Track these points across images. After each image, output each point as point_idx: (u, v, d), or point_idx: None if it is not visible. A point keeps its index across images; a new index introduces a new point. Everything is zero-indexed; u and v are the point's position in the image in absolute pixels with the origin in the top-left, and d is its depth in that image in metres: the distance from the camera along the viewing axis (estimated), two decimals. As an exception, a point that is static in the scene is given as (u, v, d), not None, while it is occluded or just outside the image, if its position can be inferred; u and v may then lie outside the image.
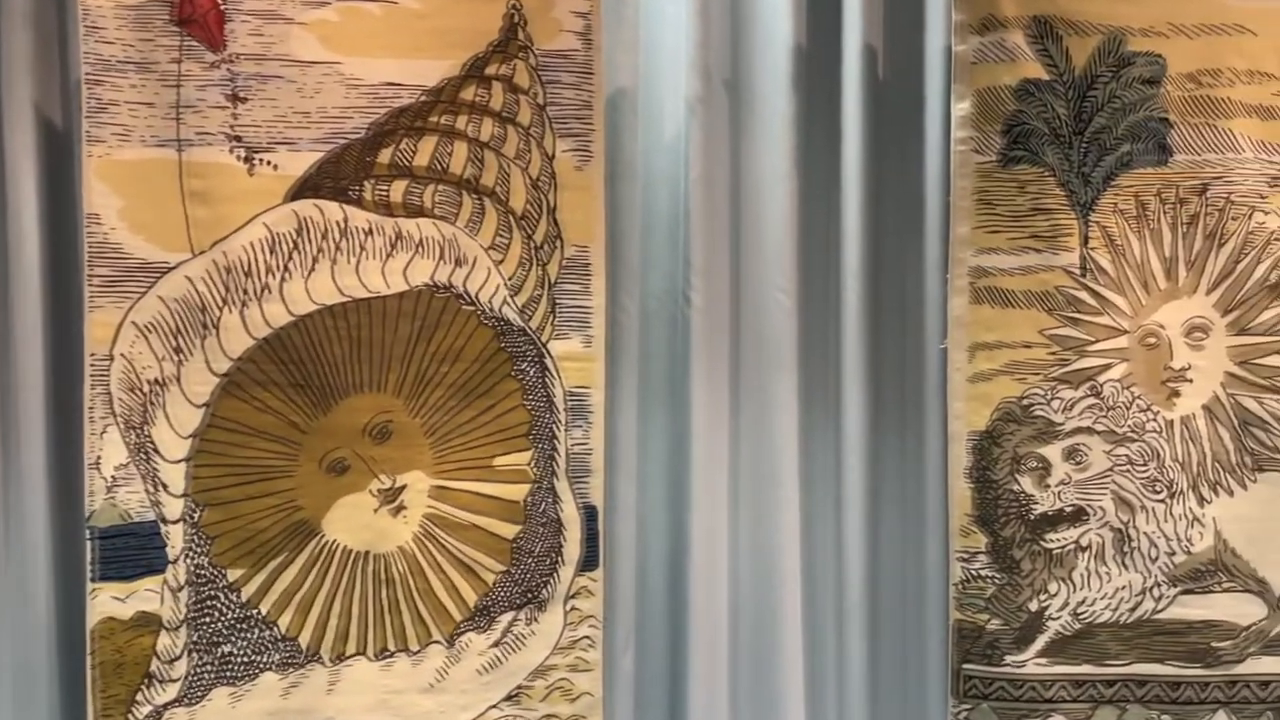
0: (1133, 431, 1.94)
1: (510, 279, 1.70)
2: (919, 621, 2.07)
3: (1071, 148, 1.92)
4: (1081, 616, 1.95)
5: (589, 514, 1.90)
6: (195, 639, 1.78)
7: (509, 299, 1.70)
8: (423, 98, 1.75)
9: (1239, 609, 1.95)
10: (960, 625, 1.96)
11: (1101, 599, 1.95)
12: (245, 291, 1.76)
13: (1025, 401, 1.93)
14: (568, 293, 1.73)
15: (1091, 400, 1.93)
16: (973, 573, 1.96)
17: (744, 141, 2.06)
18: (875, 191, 2.06)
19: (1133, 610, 1.95)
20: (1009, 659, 1.94)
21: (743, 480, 2.10)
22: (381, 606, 1.85)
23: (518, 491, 1.73)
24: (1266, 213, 1.94)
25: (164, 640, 1.76)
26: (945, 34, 1.95)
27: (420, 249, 1.81)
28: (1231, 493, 1.95)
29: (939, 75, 1.96)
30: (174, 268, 1.74)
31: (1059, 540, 1.94)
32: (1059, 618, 1.95)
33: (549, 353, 1.73)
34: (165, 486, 1.75)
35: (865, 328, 2.07)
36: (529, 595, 1.80)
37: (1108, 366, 1.93)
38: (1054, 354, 1.92)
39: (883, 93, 2.06)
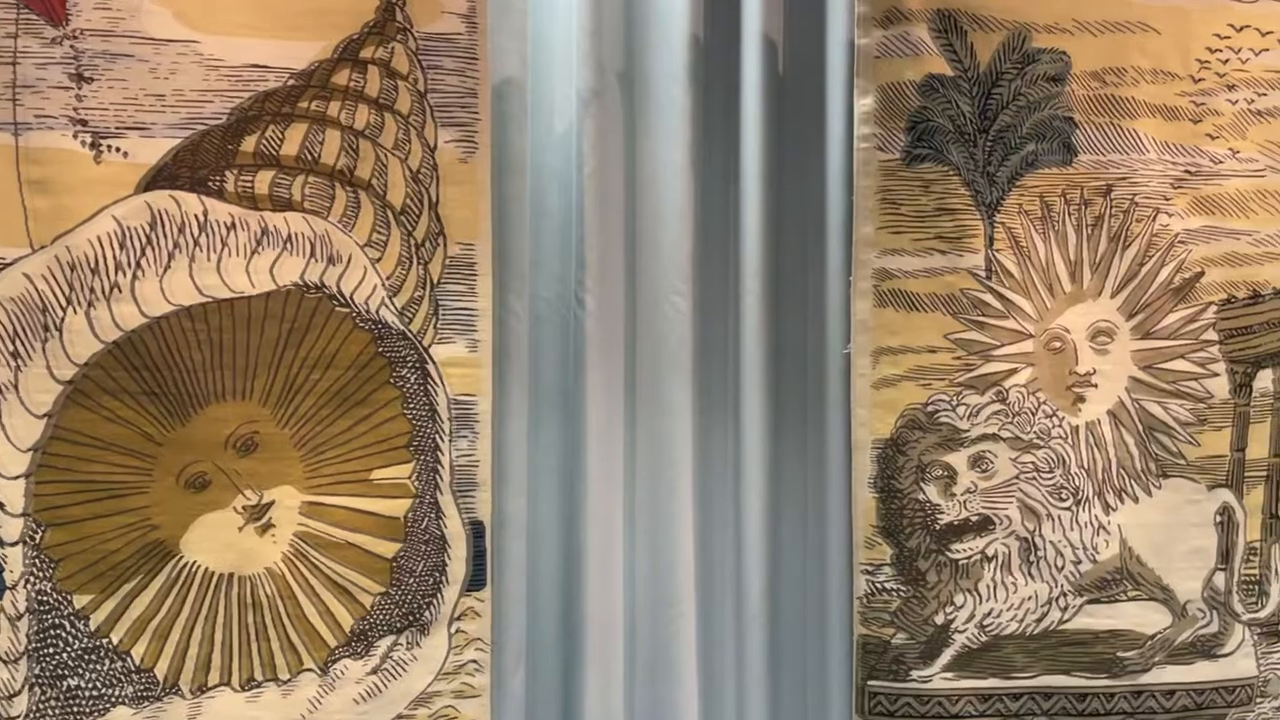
0: (1039, 438, 1.82)
1: (388, 279, 1.50)
2: (821, 637, 1.91)
3: (976, 146, 1.79)
4: (988, 629, 1.82)
5: (475, 530, 1.70)
6: (38, 672, 1.54)
7: (387, 300, 1.50)
8: (291, 81, 1.54)
9: (1144, 618, 1.84)
10: (865, 640, 1.81)
11: (1008, 610, 1.82)
12: (92, 291, 1.52)
13: (930, 408, 1.79)
14: (452, 294, 1.54)
15: (997, 406, 1.80)
16: (877, 585, 1.81)
17: (639, 136, 1.89)
18: (776, 190, 1.89)
19: (1039, 621, 1.83)
20: (915, 674, 1.80)
21: (639, 492, 1.92)
22: (248, 633, 1.63)
23: (398, 507, 1.53)
24: (1170, 215, 1.83)
25: (2, 674, 1.52)
26: (848, 27, 1.80)
27: (289, 245, 1.60)
28: (1137, 500, 1.84)
29: (842, 70, 1.81)
30: (10, 264, 1.50)
31: (965, 550, 1.81)
32: (965, 630, 1.82)
33: (431, 358, 1.54)
34: (2, 505, 1.51)
35: (766, 332, 1.91)
36: (410, 618, 1.60)
37: (1013, 371, 1.81)
38: (959, 359, 1.79)
39: (784, 87, 1.91)
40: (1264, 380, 1.82)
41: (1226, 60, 1.76)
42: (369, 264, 1.64)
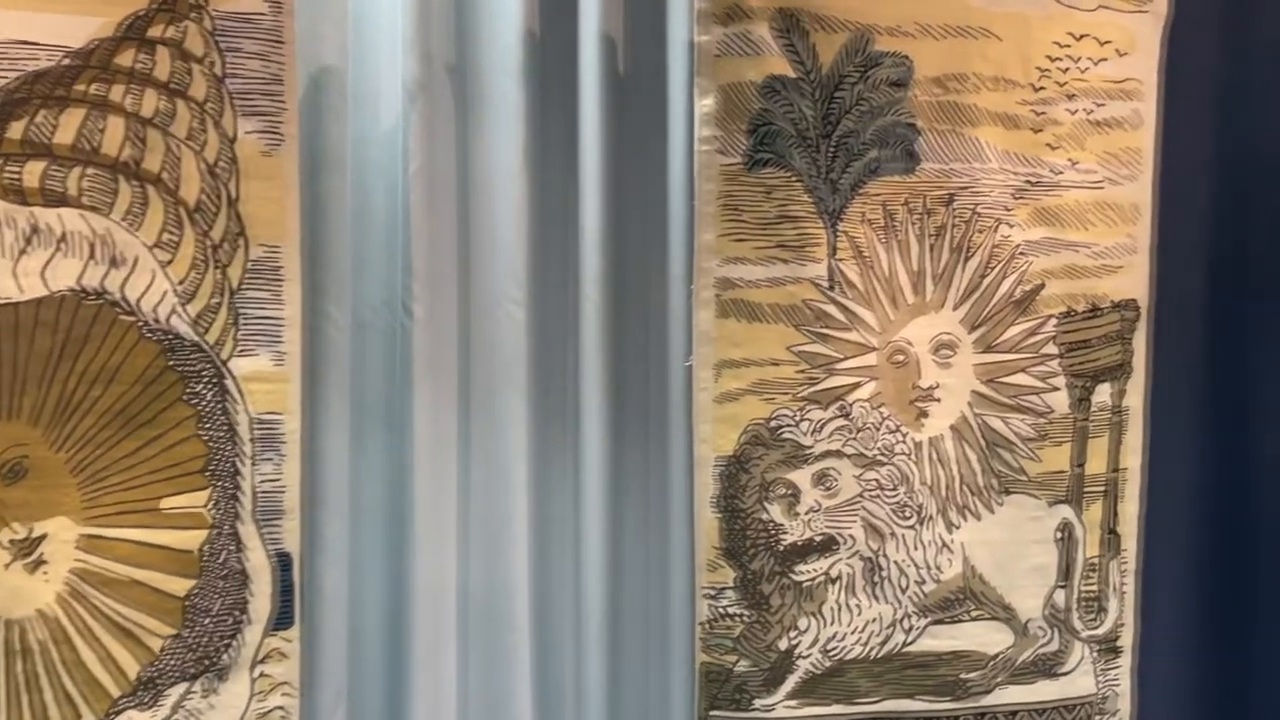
0: (882, 454, 1.68)
1: (181, 284, 1.28)
2: (664, 665, 1.74)
3: (819, 151, 1.64)
4: (832, 653, 1.67)
5: (282, 562, 1.46)
6: None
7: (179, 308, 1.27)
8: (66, 61, 1.29)
9: (987, 637, 1.72)
10: (706, 668, 1.64)
11: (852, 633, 1.68)
12: None
13: (773, 423, 1.64)
14: (254, 301, 1.32)
15: (841, 421, 1.66)
16: (720, 610, 1.64)
17: (471, 134, 1.69)
18: (617, 194, 1.72)
19: (883, 644, 1.69)
20: (758, 702, 1.64)
21: (472, 513, 1.72)
22: (16, 683, 1.36)
23: (191, 539, 1.32)
24: (1011, 226, 1.72)
25: None
26: (690, 25, 1.63)
27: (63, 246, 1.34)
28: (979, 517, 1.72)
29: (684, 69, 1.64)
30: None
31: (809, 572, 1.66)
32: (809, 655, 1.66)
33: (230, 373, 1.31)
34: None
35: (606, 342, 1.73)
36: (206, 662, 1.37)
37: (857, 385, 1.66)
38: (802, 372, 1.64)
39: (624, 86, 1.73)
40: (1102, 394, 1.73)
41: (1066, 69, 1.66)
42: (158, 267, 1.39)
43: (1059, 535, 1.74)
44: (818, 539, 1.65)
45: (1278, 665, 1.93)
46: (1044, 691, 1.73)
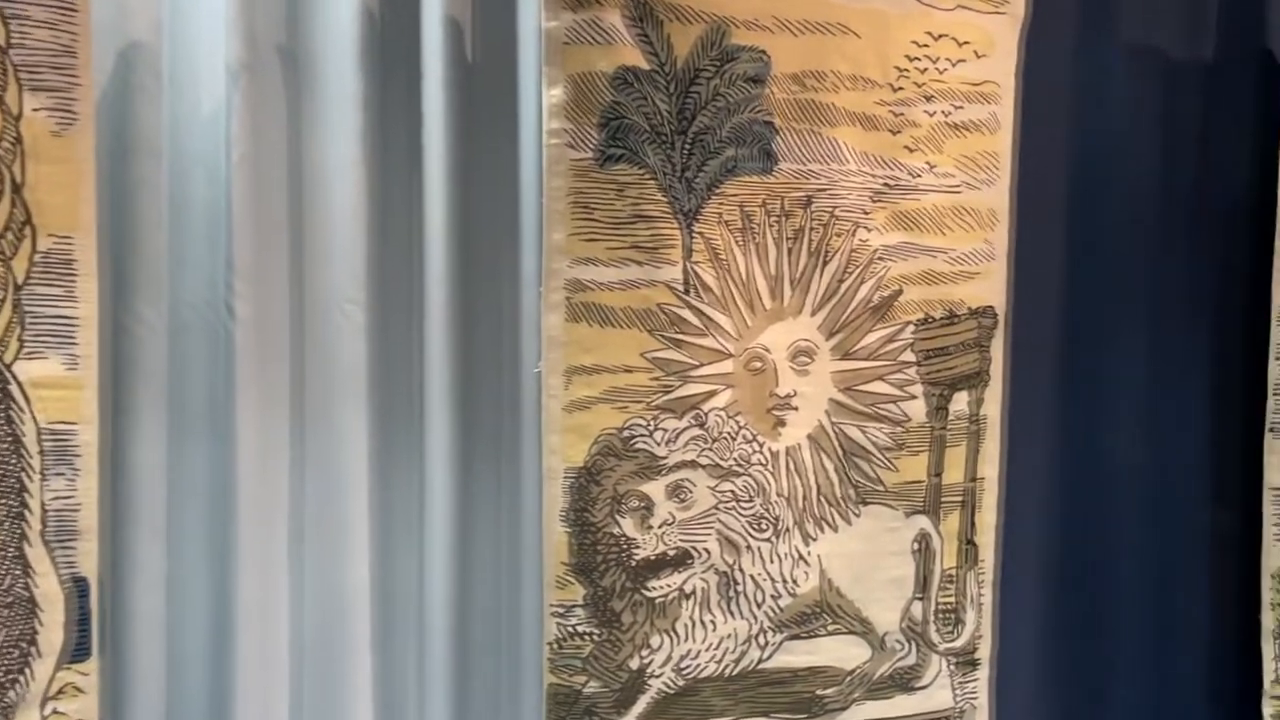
0: (738, 464, 1.56)
1: (-47, 277, 1.05)
2: (515, 688, 1.60)
3: (674, 148, 1.50)
4: (685, 672, 1.54)
5: (79, 588, 1.27)
6: None
7: (-49, 304, 1.05)
8: None
9: (844, 652, 1.62)
10: (554, 690, 1.50)
11: (706, 650, 1.55)
12: None
13: (626, 433, 1.50)
14: (43, 298, 1.16)
15: (696, 431, 1.53)
16: (569, 629, 1.50)
17: (304, 121, 1.52)
18: (464, 187, 1.57)
19: (738, 661, 1.57)
20: (608, 727, 1.49)
21: (306, 532, 1.55)
22: None
23: (-36, 565, 1.08)
24: (870, 229, 1.62)
25: None
26: (539, 8, 1.47)
27: None
28: (836, 528, 1.62)
29: (535, 56, 1.49)
30: None
31: (662, 588, 1.53)
32: (661, 675, 1.53)
33: (14, 377, 1.15)
34: None
35: (454, 347, 1.58)
36: (-16, 704, 1.15)
37: (712, 393, 1.54)
38: (656, 379, 1.51)
39: (471, 73, 1.57)
40: (960, 403, 1.64)
41: (924, 69, 1.56)
42: (-76, 258, 1.18)
43: (916, 546, 1.64)
44: (671, 553, 1.52)
45: (1135, 676, 1.88)
46: (902, 706, 1.63)
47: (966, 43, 1.62)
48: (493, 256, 1.64)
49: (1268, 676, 1.89)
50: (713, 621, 1.57)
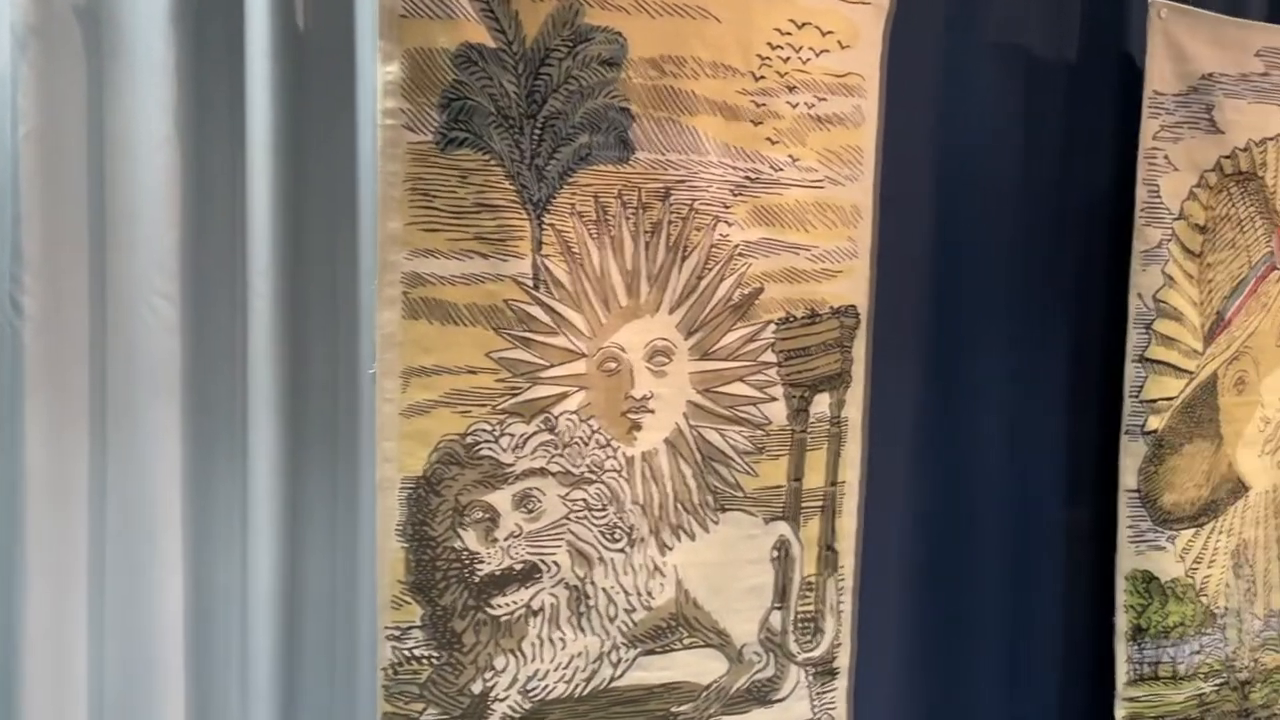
0: (591, 472, 1.45)
1: None
2: (348, 719, 1.44)
3: (522, 133, 1.39)
4: (532, 694, 1.43)
5: None
6: None
7: None
8: None
9: (700, 666, 1.54)
10: (390, 719, 1.36)
11: (555, 670, 1.45)
12: None
13: (469, 439, 1.38)
14: None
15: (546, 436, 1.42)
16: (405, 653, 1.37)
17: (106, 93, 1.35)
18: (293, 169, 1.43)
19: (589, 680, 1.47)
20: (447, 757, 1.37)
21: (109, 555, 1.39)
22: None
23: None
24: (730, 224, 1.54)
25: None
26: None
27: None
28: (694, 537, 1.53)
29: (372, 28, 1.34)
30: None
31: (508, 605, 1.41)
32: (506, 698, 1.42)
33: None
34: None
35: (280, 346, 1.45)
36: None
37: (564, 396, 1.43)
38: (503, 381, 1.39)
39: (303, 42, 1.42)
40: (821, 405, 1.57)
41: (787, 59, 1.49)
42: None
43: (775, 554, 1.57)
44: (518, 567, 1.41)
45: (992, 680, 1.85)
46: (759, 721, 1.55)
47: (830, 32, 1.55)
48: (326, 246, 1.50)
49: (1120, 679, 1.89)
50: (562, 639, 1.46)
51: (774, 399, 1.57)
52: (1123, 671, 1.90)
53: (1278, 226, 2.02)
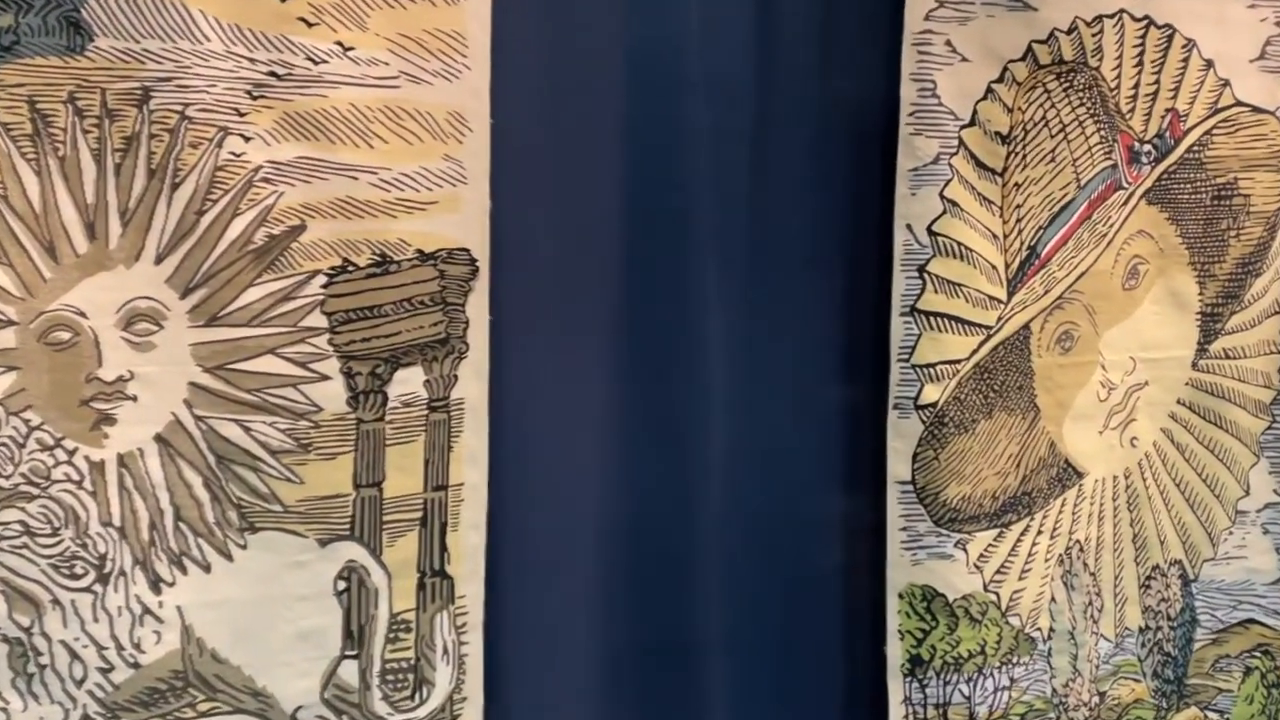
0: (31, 482, 1.02)
1: None
2: None
3: None
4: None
5: None
6: None
7: None
8: None
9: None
10: None
11: (-3, 751, 1.01)
12: None
13: None
14: None
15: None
16: None
17: None
18: None
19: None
20: None
21: None
22: None
23: None
24: (247, 139, 1.08)
25: None
26: None
27: None
28: (208, 568, 1.11)
29: None
30: None
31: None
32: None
33: None
34: None
35: None
36: None
37: (-11, 379, 0.99)
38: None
39: None
40: (409, 384, 1.10)
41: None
42: None
43: (343, 585, 1.11)
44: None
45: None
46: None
47: None
48: None
49: (897, 720, 1.40)
50: (4, 709, 1.02)
51: (325, 377, 1.11)
52: (898, 715, 1.41)
53: (1122, 131, 1.48)
